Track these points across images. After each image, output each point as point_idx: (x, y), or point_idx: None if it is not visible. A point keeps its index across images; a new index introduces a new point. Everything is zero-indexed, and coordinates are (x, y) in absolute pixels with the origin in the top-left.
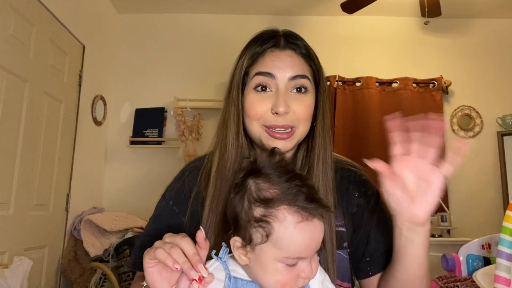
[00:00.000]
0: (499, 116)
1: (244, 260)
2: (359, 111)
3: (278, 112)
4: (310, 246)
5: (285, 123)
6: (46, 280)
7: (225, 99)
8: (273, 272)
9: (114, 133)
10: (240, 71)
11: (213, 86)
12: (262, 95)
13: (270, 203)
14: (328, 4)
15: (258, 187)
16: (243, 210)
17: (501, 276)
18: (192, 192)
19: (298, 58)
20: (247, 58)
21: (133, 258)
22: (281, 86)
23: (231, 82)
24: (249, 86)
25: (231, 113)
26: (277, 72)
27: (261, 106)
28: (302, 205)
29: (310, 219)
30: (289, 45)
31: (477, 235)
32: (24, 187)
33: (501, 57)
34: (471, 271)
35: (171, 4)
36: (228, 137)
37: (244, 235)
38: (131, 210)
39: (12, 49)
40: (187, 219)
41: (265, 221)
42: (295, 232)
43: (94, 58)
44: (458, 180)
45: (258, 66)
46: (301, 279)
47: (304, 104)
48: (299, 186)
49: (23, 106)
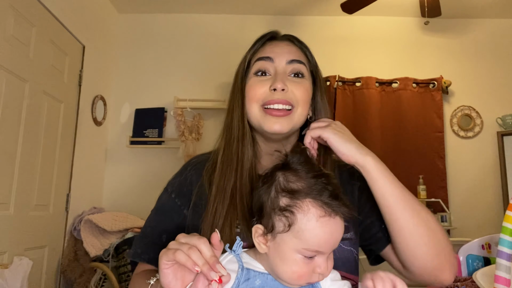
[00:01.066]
0: (499, 116)
1: (263, 248)
2: (359, 111)
3: (276, 88)
4: (329, 241)
5: (284, 98)
6: (46, 280)
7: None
8: (291, 262)
9: (114, 133)
10: (244, 62)
11: (213, 86)
12: (261, 78)
13: (297, 194)
14: (328, 4)
15: (286, 179)
16: (270, 198)
17: (501, 276)
18: (194, 185)
19: (295, 47)
20: (250, 51)
21: (134, 249)
22: (279, 68)
23: (236, 75)
24: (250, 72)
25: (235, 99)
26: (276, 56)
27: (260, 87)
28: (326, 201)
29: (332, 215)
30: (286, 37)
31: (477, 235)
32: (24, 187)
33: (501, 57)
34: (471, 271)
35: (171, 4)
36: (233, 121)
37: (267, 223)
38: (131, 210)
39: (12, 49)
40: (189, 211)
41: (290, 211)
42: (317, 226)
43: (94, 58)
44: (458, 180)
45: (258, 53)
46: (316, 274)
47: (302, 86)
48: (324, 184)
49: (23, 106)
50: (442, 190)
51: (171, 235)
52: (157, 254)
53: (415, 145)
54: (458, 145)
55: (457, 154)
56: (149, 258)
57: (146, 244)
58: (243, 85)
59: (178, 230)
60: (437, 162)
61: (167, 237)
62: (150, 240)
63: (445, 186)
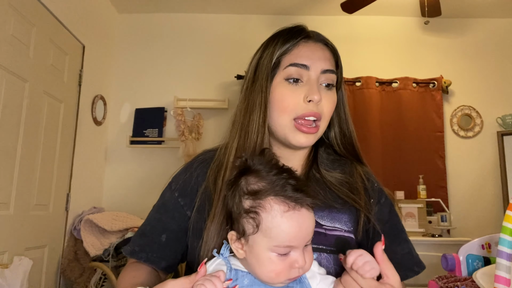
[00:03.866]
0: (499, 116)
1: (241, 254)
2: (359, 111)
3: (312, 100)
4: (299, 234)
5: (316, 111)
6: (46, 280)
7: (248, 88)
8: (267, 261)
9: (114, 133)
10: (270, 60)
11: (213, 86)
12: (294, 86)
13: (258, 194)
14: (328, 4)
15: (247, 182)
16: (235, 204)
17: (501, 276)
18: (199, 185)
19: (329, 53)
20: (279, 47)
21: (132, 246)
22: (313, 77)
23: (256, 71)
24: (279, 75)
25: (257, 100)
26: (312, 64)
27: (293, 97)
28: (288, 195)
29: (297, 208)
30: (320, 38)
31: (477, 235)
32: (24, 187)
33: (501, 57)
34: (471, 271)
35: (171, 4)
36: (252, 124)
37: (238, 228)
38: (131, 210)
39: (12, 49)
40: (193, 213)
41: (254, 212)
42: (282, 221)
43: (94, 58)
44: (458, 180)
45: (292, 56)
46: (296, 269)
47: (331, 98)
48: (286, 179)
49: (23, 106)
50: (442, 190)
51: (171, 234)
52: (155, 254)
53: (415, 145)
54: (458, 145)
55: (457, 154)
56: (147, 257)
57: (144, 243)
58: (268, 86)
59: (179, 230)
60: (437, 162)
61: (167, 237)
62: (149, 239)
63: (445, 186)
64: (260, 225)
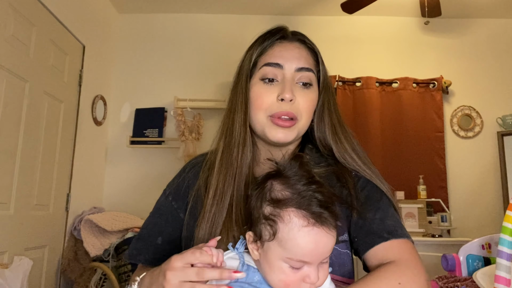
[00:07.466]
0: (499, 116)
1: (256, 255)
2: (359, 111)
3: (284, 99)
4: (314, 251)
5: (290, 111)
6: (46, 280)
7: (232, 90)
8: (278, 270)
9: (114, 133)
10: (249, 61)
11: (213, 86)
12: (268, 86)
13: (279, 204)
14: (328, 4)
15: (272, 188)
16: (256, 206)
17: (501, 276)
18: (191, 188)
19: (305, 51)
20: (256, 49)
21: (131, 250)
22: (288, 76)
23: (239, 72)
24: (256, 76)
25: (238, 101)
26: (285, 63)
27: (267, 96)
28: (312, 210)
29: (317, 225)
30: (297, 37)
31: (477, 235)
32: (24, 187)
33: (501, 57)
34: (471, 271)
35: (171, 4)
36: (235, 124)
37: (255, 230)
38: (131, 210)
39: (12, 49)
40: (186, 215)
41: (272, 220)
42: (299, 235)
43: (94, 58)
44: (458, 180)
45: (267, 57)
46: (307, 284)
47: (308, 97)
48: (313, 192)
49: (23, 106)
50: (442, 190)
51: (167, 237)
52: (152, 255)
53: (415, 145)
54: (458, 145)
55: (457, 154)
56: (145, 259)
57: (142, 246)
58: (247, 86)
59: (174, 233)
60: (437, 162)
61: (163, 239)
62: (146, 242)
63: (445, 186)
64: (276, 234)
